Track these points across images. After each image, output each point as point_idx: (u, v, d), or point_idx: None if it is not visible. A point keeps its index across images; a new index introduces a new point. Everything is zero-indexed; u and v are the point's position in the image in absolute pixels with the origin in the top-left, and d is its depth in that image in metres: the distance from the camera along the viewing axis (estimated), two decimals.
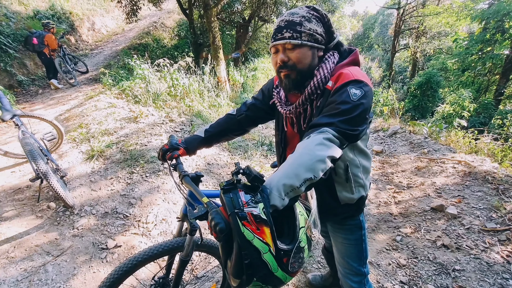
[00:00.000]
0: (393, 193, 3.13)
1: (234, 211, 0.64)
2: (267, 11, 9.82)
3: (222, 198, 0.69)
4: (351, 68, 0.95)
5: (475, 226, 2.38)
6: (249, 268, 0.65)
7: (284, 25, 0.95)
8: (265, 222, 0.65)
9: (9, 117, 2.53)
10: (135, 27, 11.52)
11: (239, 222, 0.63)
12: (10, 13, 6.93)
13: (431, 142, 4.35)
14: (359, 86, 0.89)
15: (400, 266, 2.11)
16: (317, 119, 0.89)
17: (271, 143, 4.61)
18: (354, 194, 1.10)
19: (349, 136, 0.85)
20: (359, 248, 1.21)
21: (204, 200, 0.80)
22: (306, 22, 0.94)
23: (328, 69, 0.98)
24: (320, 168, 0.75)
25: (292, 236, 0.73)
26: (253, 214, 0.64)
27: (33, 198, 2.70)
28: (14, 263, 2.07)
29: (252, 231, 0.63)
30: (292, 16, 0.95)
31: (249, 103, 1.27)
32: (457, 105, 7.00)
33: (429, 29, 15.97)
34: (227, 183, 0.71)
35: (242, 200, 0.66)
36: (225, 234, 0.64)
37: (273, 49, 1.01)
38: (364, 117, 0.89)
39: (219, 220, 0.64)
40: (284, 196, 0.70)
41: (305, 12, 0.96)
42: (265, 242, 0.64)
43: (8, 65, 6.15)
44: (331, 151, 0.79)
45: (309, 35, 0.95)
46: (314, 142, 0.79)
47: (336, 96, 0.90)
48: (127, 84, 5.27)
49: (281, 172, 0.75)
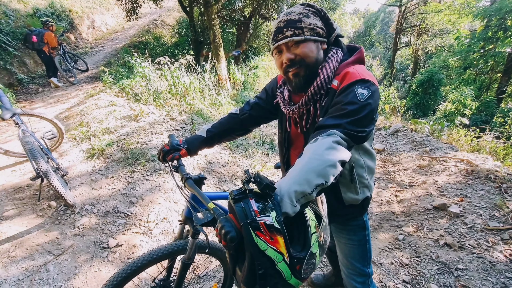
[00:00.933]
0: (395, 192, 3.11)
1: (246, 221, 0.62)
2: (267, 9, 9.77)
3: (233, 208, 0.66)
4: (357, 67, 0.93)
5: (477, 225, 2.36)
6: (262, 278, 0.63)
7: (283, 25, 0.94)
8: (278, 231, 0.63)
9: (9, 115, 2.51)
10: (135, 25, 11.48)
11: (252, 233, 0.61)
12: (10, 11, 6.90)
13: (433, 140, 4.33)
14: (366, 86, 0.87)
15: (403, 265, 2.10)
16: (324, 120, 0.87)
17: (272, 141, 4.60)
18: (359, 195, 1.08)
19: (357, 138, 0.83)
20: (363, 249, 1.20)
21: (210, 205, 0.78)
22: (305, 18, 0.94)
23: (331, 68, 0.96)
24: (332, 173, 0.73)
25: (303, 242, 0.72)
26: (266, 224, 0.62)
27: (34, 197, 2.69)
28: (15, 262, 2.06)
29: (266, 241, 0.61)
30: (290, 15, 0.95)
31: (252, 102, 1.25)
32: (458, 103, 6.96)
33: (431, 27, 15.89)
34: (238, 192, 0.68)
35: (254, 209, 0.64)
36: (235, 243, 0.62)
37: (276, 51, 0.99)
38: (371, 118, 0.87)
39: (230, 228, 0.62)
40: (295, 203, 0.68)
41: (301, 9, 0.96)
42: (279, 252, 0.63)
43: (7, 63, 6.13)
44: (341, 154, 0.77)
45: (311, 30, 0.94)
46: (323, 146, 0.77)
47: (342, 96, 0.87)
48: (128, 83, 5.25)
49: (291, 178, 0.73)
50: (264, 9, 9.84)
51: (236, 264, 0.69)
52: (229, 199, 0.69)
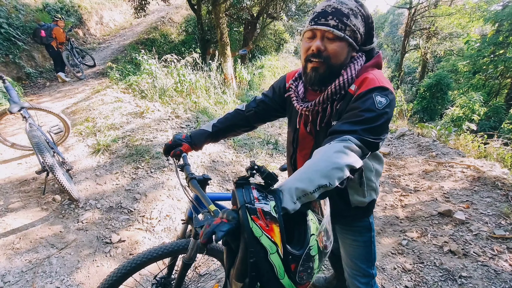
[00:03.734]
0: (400, 196, 3.08)
1: (244, 204, 0.63)
2: (276, 8, 9.72)
3: (234, 192, 0.67)
4: (375, 72, 0.91)
5: (483, 232, 2.33)
6: (253, 268, 0.62)
7: (330, 11, 0.88)
8: (275, 219, 0.62)
9: (16, 109, 2.54)
10: (143, 21, 11.53)
11: (249, 217, 0.61)
12: (20, 5, 6.98)
13: (439, 145, 4.27)
14: (385, 94, 0.85)
15: (406, 271, 2.08)
16: (338, 125, 0.85)
17: (276, 142, 4.58)
18: (366, 198, 1.07)
19: (371, 145, 0.82)
20: (368, 250, 1.19)
21: (211, 207, 0.78)
22: (353, 17, 0.89)
23: (355, 71, 0.93)
24: (337, 176, 0.72)
25: (302, 242, 0.71)
26: (263, 210, 0.62)
27: (39, 190, 2.72)
28: (19, 254, 2.09)
29: (261, 227, 0.61)
30: (341, 5, 0.88)
31: (258, 99, 1.24)
32: (467, 108, 6.87)
33: (441, 30, 15.67)
34: (241, 178, 0.69)
35: (254, 195, 0.65)
36: (231, 231, 0.61)
37: (309, 33, 0.93)
38: (386, 127, 0.85)
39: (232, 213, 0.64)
40: (295, 200, 0.67)
41: (353, 6, 0.90)
42: (273, 241, 0.61)
43: (16, 57, 6.20)
44: (350, 160, 0.75)
45: (352, 31, 0.90)
46: (333, 149, 0.76)
47: (359, 103, 0.85)
48: (134, 79, 5.28)
49: (295, 176, 0.73)
50: (272, 9, 9.80)
51: (231, 266, 0.69)
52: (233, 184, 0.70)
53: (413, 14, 15.92)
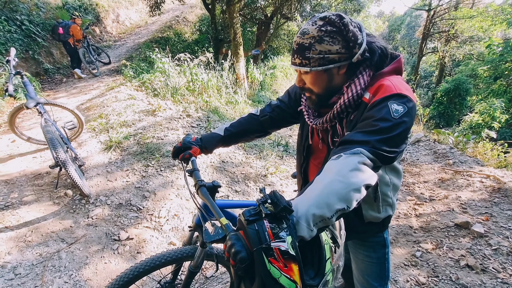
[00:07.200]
0: (414, 205, 2.97)
1: (260, 246, 0.57)
2: (290, 9, 9.65)
3: (245, 228, 0.62)
4: (392, 78, 0.85)
5: (503, 247, 2.21)
6: None
7: (296, 48, 0.87)
8: (293, 258, 0.58)
9: (33, 104, 2.59)
10: (158, 20, 11.69)
11: (266, 259, 0.57)
12: (41, 3, 7.19)
13: (457, 152, 4.11)
14: (402, 102, 0.78)
15: (419, 284, 1.99)
16: (351, 135, 0.79)
17: (287, 144, 4.52)
18: (381, 214, 1.01)
19: (385, 158, 0.75)
20: (381, 267, 1.13)
21: (222, 221, 0.74)
22: (316, 44, 0.82)
23: (361, 85, 0.87)
24: (355, 198, 0.67)
25: (317, 267, 0.67)
26: (280, 250, 0.57)
27: (52, 184, 2.77)
28: (30, 247, 2.12)
29: (280, 268, 0.57)
30: (303, 38, 0.84)
31: (274, 104, 1.20)
32: (487, 115, 6.60)
33: (461, 33, 15.18)
34: (252, 213, 0.63)
35: (268, 231, 0.59)
36: (245, 264, 0.57)
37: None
38: (404, 137, 0.79)
39: (240, 248, 0.58)
40: (313, 227, 0.63)
41: (316, 31, 0.82)
42: (292, 280, 0.58)
43: (36, 53, 6.39)
44: (367, 178, 0.70)
45: (319, 59, 0.83)
46: (348, 167, 0.70)
47: (374, 111, 0.79)
48: (147, 77, 5.33)
49: (311, 199, 0.67)
50: (286, 9, 9.73)
51: (241, 280, 0.65)
52: (241, 217, 0.64)
53: (432, 16, 15.49)
